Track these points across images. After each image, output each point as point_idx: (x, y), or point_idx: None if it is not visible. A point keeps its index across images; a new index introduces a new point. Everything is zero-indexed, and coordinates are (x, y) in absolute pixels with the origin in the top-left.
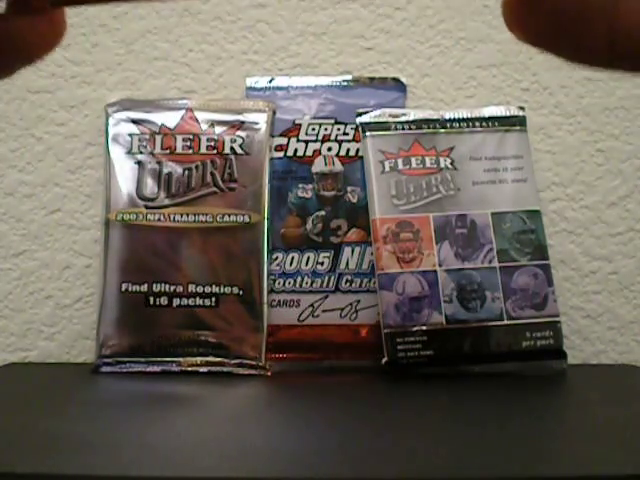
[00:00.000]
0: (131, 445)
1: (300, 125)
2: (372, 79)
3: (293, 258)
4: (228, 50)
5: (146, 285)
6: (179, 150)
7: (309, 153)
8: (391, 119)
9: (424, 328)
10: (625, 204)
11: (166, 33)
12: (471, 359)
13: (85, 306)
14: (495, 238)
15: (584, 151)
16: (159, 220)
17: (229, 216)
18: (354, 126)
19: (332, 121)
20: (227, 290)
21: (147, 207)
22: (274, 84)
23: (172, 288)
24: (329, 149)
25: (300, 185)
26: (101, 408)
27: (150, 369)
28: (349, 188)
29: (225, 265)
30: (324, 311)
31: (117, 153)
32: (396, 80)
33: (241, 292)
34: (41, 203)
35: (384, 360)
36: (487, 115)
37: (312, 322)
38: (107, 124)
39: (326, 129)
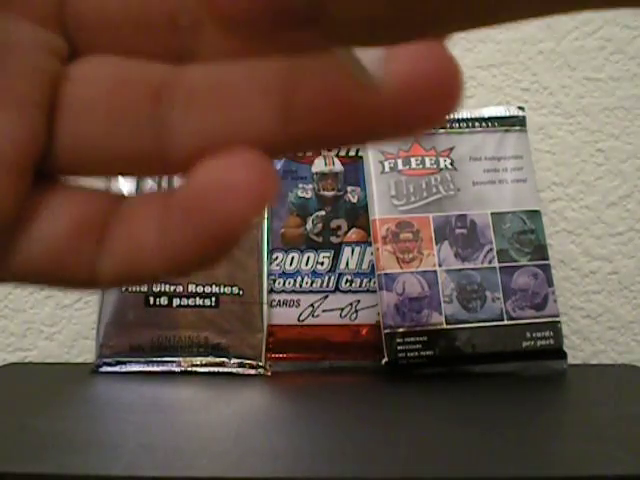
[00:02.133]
0: (131, 445)
1: None
2: None
3: (293, 258)
4: None
5: (146, 285)
6: None
7: (309, 153)
8: None
9: (424, 328)
10: (625, 204)
11: None
12: (471, 359)
13: (85, 306)
14: (495, 238)
15: (584, 151)
16: None
17: None
18: None
19: None
20: (227, 290)
21: None
22: None
23: (172, 288)
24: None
25: (300, 185)
26: (101, 408)
27: (150, 369)
28: (349, 188)
29: (225, 265)
30: (324, 311)
31: None
32: None
33: (241, 292)
34: None
35: (384, 360)
36: (487, 115)
37: (312, 322)
38: None
39: None
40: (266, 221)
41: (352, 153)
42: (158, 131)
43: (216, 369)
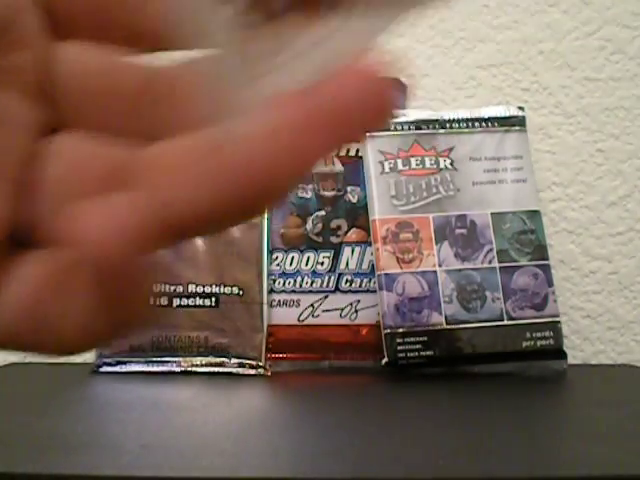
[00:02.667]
0: (131, 445)
1: None
2: None
3: (293, 258)
4: None
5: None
6: None
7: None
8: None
9: (424, 328)
10: (625, 204)
11: None
12: (471, 359)
13: None
14: (495, 238)
15: (584, 151)
16: None
17: None
18: None
19: None
20: (227, 290)
21: None
22: None
23: (172, 288)
24: None
25: (300, 185)
26: (101, 408)
27: (150, 369)
28: (349, 188)
29: (225, 265)
30: (324, 311)
31: None
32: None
33: (241, 292)
34: None
35: (384, 360)
36: (487, 115)
37: (312, 322)
38: None
39: None
40: (266, 221)
41: (352, 153)
42: None
43: (216, 369)
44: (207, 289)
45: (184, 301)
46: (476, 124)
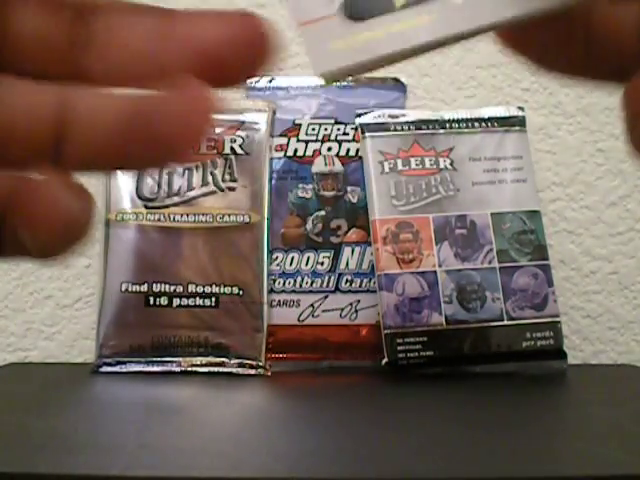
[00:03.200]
0: (131, 445)
1: (300, 125)
2: (372, 79)
3: (293, 258)
4: None
5: (146, 285)
6: None
7: (309, 153)
8: (390, 120)
9: (424, 329)
10: (625, 204)
11: None
12: (471, 359)
13: (85, 306)
14: (495, 238)
15: (584, 151)
16: (159, 220)
17: (229, 216)
18: (354, 126)
19: (332, 121)
20: (227, 290)
21: (147, 207)
22: (274, 84)
23: (172, 288)
24: (329, 149)
25: (300, 185)
26: (101, 408)
27: (150, 369)
28: (349, 188)
29: (225, 265)
30: (324, 311)
31: None
32: (396, 80)
33: (241, 292)
34: None
35: (384, 361)
36: (487, 115)
37: (312, 322)
38: None
39: (326, 129)
40: (266, 221)
41: (352, 153)
42: None
43: (216, 369)
44: (207, 289)
45: (184, 301)
46: (476, 124)
